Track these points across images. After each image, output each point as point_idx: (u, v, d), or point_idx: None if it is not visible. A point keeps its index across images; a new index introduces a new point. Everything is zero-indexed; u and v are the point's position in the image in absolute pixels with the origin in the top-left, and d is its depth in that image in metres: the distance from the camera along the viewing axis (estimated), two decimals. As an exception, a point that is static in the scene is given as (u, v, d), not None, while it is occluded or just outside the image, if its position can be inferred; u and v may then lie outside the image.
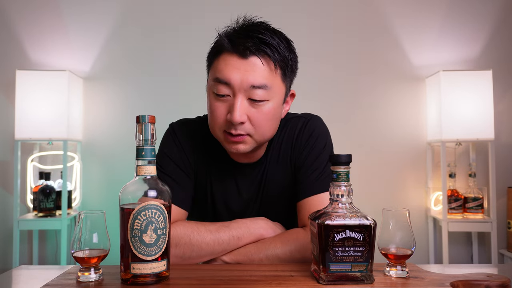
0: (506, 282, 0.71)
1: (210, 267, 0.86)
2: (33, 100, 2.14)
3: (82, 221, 0.74)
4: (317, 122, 1.06)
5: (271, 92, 0.90)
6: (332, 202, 0.74)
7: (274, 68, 0.90)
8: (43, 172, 2.23)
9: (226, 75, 0.89)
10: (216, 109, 0.92)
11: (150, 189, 0.72)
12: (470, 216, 2.23)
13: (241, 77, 0.88)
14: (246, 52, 0.88)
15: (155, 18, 2.43)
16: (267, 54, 0.89)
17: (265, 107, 0.91)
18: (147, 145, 0.73)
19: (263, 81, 0.89)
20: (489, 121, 2.16)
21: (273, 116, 0.93)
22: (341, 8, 2.41)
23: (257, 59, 0.89)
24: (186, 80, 2.40)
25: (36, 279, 0.82)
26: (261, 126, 0.92)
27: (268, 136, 0.96)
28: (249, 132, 0.92)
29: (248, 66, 0.88)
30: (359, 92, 2.41)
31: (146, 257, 0.70)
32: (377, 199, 2.35)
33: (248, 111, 0.90)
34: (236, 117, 0.88)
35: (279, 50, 0.90)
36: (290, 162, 1.03)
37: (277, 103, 0.93)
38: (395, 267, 0.76)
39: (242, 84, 0.88)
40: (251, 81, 0.88)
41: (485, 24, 2.42)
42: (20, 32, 2.40)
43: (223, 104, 0.91)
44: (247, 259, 0.90)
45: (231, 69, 0.89)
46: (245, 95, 0.89)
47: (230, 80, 0.89)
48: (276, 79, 0.91)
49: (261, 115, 0.91)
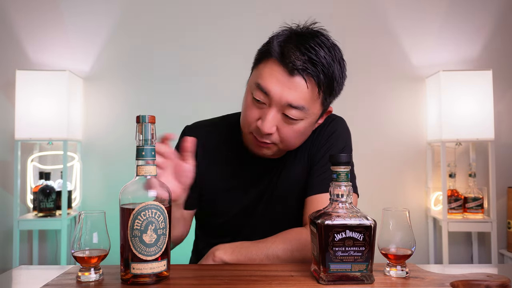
0: (506, 282, 0.71)
1: (210, 267, 0.86)
2: (33, 100, 2.14)
3: (82, 221, 0.74)
4: (340, 123, 1.07)
5: (306, 114, 0.90)
6: (332, 202, 0.74)
7: (316, 92, 0.89)
8: (43, 172, 2.23)
9: (267, 85, 0.88)
10: (250, 111, 0.93)
11: (149, 190, 0.72)
12: (470, 216, 2.23)
13: (281, 92, 0.87)
14: (293, 70, 0.86)
15: (155, 18, 2.43)
16: (313, 77, 0.87)
17: (297, 125, 0.91)
18: (147, 145, 0.72)
19: (301, 103, 0.88)
20: (489, 121, 2.16)
21: (302, 133, 0.94)
22: (341, 8, 2.41)
23: (301, 80, 0.87)
24: (186, 80, 2.40)
25: (36, 279, 0.82)
26: (288, 140, 0.93)
27: (293, 147, 0.97)
28: (275, 142, 0.93)
29: (292, 84, 0.87)
30: (359, 92, 2.41)
31: (146, 257, 0.70)
32: (377, 199, 2.35)
33: (279, 124, 0.91)
34: (265, 128, 0.89)
35: (326, 72, 0.88)
36: (308, 158, 1.04)
37: (309, 123, 0.94)
38: (395, 267, 0.76)
39: (280, 99, 0.88)
40: (290, 99, 0.87)
41: (485, 24, 2.42)
42: (20, 32, 2.40)
43: (257, 110, 0.92)
44: (247, 259, 0.89)
45: (274, 81, 0.88)
46: (280, 109, 0.89)
47: (270, 91, 0.88)
48: (316, 103, 0.91)
49: (291, 131, 0.91)
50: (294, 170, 1.04)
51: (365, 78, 2.42)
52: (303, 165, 1.04)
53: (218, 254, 0.90)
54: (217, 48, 2.42)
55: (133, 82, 2.42)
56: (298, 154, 1.04)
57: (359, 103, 2.41)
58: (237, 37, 2.40)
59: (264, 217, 1.06)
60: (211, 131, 1.08)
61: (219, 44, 2.42)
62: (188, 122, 1.14)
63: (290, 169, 1.04)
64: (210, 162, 1.05)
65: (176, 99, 2.40)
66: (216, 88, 2.41)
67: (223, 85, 2.40)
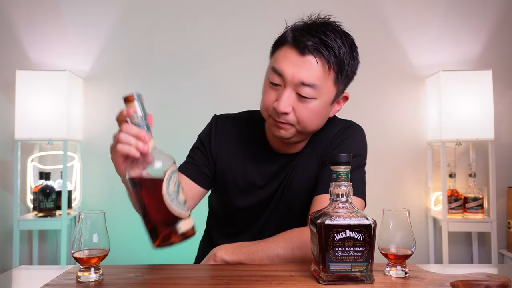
0: (506, 282, 0.71)
1: (210, 267, 0.86)
2: (33, 100, 2.14)
3: (82, 221, 0.74)
4: (358, 130, 1.10)
5: (319, 92, 0.95)
6: (332, 202, 0.74)
7: (327, 70, 0.94)
8: (43, 172, 2.23)
9: (281, 67, 0.94)
10: (267, 95, 0.99)
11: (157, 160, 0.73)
12: (470, 216, 2.23)
13: (294, 72, 0.93)
14: (304, 50, 0.93)
15: (155, 18, 2.43)
16: (324, 55, 0.93)
17: (311, 104, 0.95)
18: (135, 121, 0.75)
19: (313, 80, 0.93)
20: (489, 121, 2.15)
21: (317, 114, 0.97)
22: (341, 8, 2.41)
23: (312, 58, 0.93)
24: (187, 80, 2.40)
25: (36, 279, 0.82)
26: (304, 120, 0.97)
27: (310, 130, 1.00)
28: (292, 122, 0.97)
29: (303, 63, 0.93)
30: (359, 92, 2.41)
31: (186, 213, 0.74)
32: (377, 199, 2.34)
33: (294, 104, 0.95)
34: (281, 107, 0.94)
35: (337, 53, 0.94)
36: (319, 158, 1.07)
37: (324, 102, 0.97)
38: (395, 267, 0.76)
39: (293, 79, 0.93)
40: (302, 78, 0.93)
41: (485, 24, 2.42)
42: (20, 32, 2.40)
43: (274, 92, 0.97)
44: (248, 258, 0.90)
45: (287, 62, 0.94)
46: (294, 89, 0.94)
47: (283, 72, 0.94)
48: (328, 80, 0.95)
49: (306, 110, 0.95)
50: (307, 169, 1.07)
51: (365, 78, 2.41)
52: (315, 164, 1.07)
53: (219, 254, 0.90)
54: (217, 48, 2.42)
55: (133, 82, 2.42)
56: (311, 153, 1.08)
57: (359, 103, 2.41)
58: (238, 37, 2.40)
59: (278, 212, 1.09)
60: (236, 124, 1.13)
61: (220, 43, 2.41)
62: (188, 122, 1.15)
63: (304, 167, 1.07)
64: (232, 153, 1.10)
65: (176, 99, 2.39)
66: (216, 88, 2.41)
67: (224, 85, 2.40)
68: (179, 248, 1.09)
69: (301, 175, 1.07)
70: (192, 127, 1.35)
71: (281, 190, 1.08)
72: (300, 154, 1.08)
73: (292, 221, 1.05)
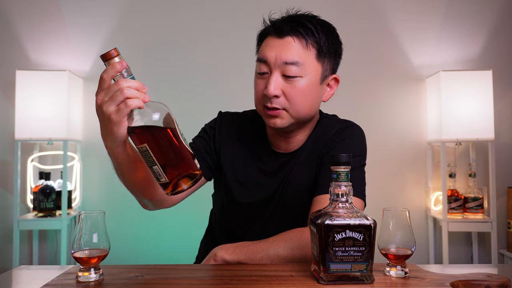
0: (506, 282, 0.71)
1: (210, 267, 0.86)
2: (33, 100, 2.14)
3: (82, 221, 0.74)
4: (357, 130, 1.10)
5: (303, 69, 0.98)
6: (332, 202, 0.74)
7: (306, 47, 0.98)
8: (43, 172, 2.23)
9: (264, 54, 1.00)
10: (257, 86, 1.02)
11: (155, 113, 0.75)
12: (470, 216, 2.23)
13: (276, 54, 0.98)
14: (282, 32, 0.98)
15: (155, 18, 2.43)
16: (301, 34, 0.98)
17: (299, 83, 0.98)
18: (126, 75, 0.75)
19: (295, 58, 0.97)
20: (489, 121, 2.15)
21: (307, 93, 0.99)
22: (341, 8, 2.41)
23: (290, 38, 0.98)
24: (187, 80, 2.40)
25: (36, 279, 0.82)
26: (295, 101, 0.99)
27: (303, 112, 1.01)
28: (284, 106, 0.99)
29: (283, 44, 0.98)
30: (359, 92, 2.41)
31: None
32: (377, 199, 2.35)
33: (283, 86, 0.98)
34: (270, 89, 0.96)
35: (314, 32, 0.99)
36: (318, 158, 1.07)
37: (311, 80, 0.99)
38: (395, 267, 0.76)
39: (276, 61, 0.97)
40: (284, 57, 0.97)
41: (485, 24, 2.42)
42: (20, 32, 2.40)
43: (263, 81, 1.01)
44: (249, 258, 0.90)
45: (269, 48, 0.99)
46: (280, 71, 0.98)
47: (266, 57, 0.99)
48: (309, 57, 0.99)
49: (295, 90, 0.98)
50: (305, 169, 1.07)
51: (365, 78, 2.42)
52: (313, 164, 1.07)
53: (219, 254, 0.91)
54: (218, 48, 2.42)
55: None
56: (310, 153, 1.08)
57: (359, 103, 2.41)
58: (238, 36, 2.39)
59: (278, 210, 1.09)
60: (240, 122, 1.15)
61: (220, 43, 2.42)
62: (189, 122, 1.15)
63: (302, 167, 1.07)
64: (234, 150, 1.11)
65: (176, 99, 2.39)
66: (216, 88, 2.41)
67: (224, 84, 2.40)
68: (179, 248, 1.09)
69: (300, 174, 1.07)
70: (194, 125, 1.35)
71: (281, 189, 1.08)
72: (299, 153, 1.09)
73: (292, 220, 1.05)
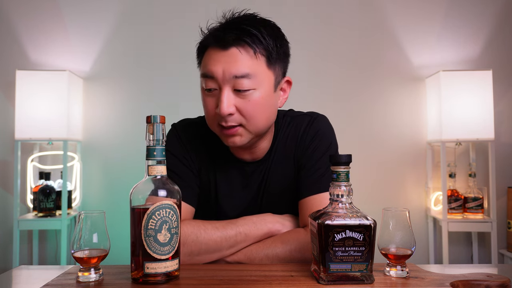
0: (506, 282, 0.71)
1: (210, 267, 0.86)
2: (33, 100, 2.14)
3: (82, 221, 0.74)
4: (323, 121, 1.06)
5: (255, 81, 0.90)
6: (332, 202, 0.74)
7: (254, 55, 0.90)
8: (43, 172, 2.23)
9: (210, 69, 0.90)
10: (207, 104, 0.93)
11: (161, 189, 0.73)
12: (470, 216, 2.23)
13: (223, 69, 0.89)
14: (226, 44, 0.89)
15: (155, 18, 2.43)
16: (247, 43, 0.89)
17: (253, 96, 0.90)
18: (159, 145, 0.73)
19: (245, 70, 0.89)
20: (489, 121, 2.15)
21: (263, 105, 0.92)
22: (341, 8, 2.41)
23: (236, 50, 0.89)
24: (186, 79, 2.40)
25: (36, 279, 0.82)
26: (252, 116, 0.91)
27: (262, 126, 0.94)
28: (241, 122, 0.91)
29: (229, 57, 0.89)
30: (359, 92, 2.41)
31: (160, 256, 0.70)
32: (377, 199, 2.35)
33: (236, 102, 0.90)
34: (223, 109, 0.88)
35: (260, 38, 0.90)
36: (294, 161, 1.03)
37: (265, 91, 0.92)
38: (395, 267, 0.76)
39: (225, 76, 0.89)
40: (233, 71, 0.88)
41: (485, 24, 2.42)
42: (20, 32, 2.40)
43: (212, 99, 0.92)
44: (247, 258, 0.90)
45: (214, 62, 0.90)
46: (230, 86, 0.89)
47: (213, 73, 0.90)
48: (260, 66, 0.91)
49: (249, 105, 0.90)
50: (282, 173, 1.04)
51: (365, 78, 2.42)
52: (290, 166, 1.04)
53: (219, 254, 0.90)
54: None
55: (133, 82, 2.42)
56: (283, 156, 1.04)
57: (359, 103, 2.41)
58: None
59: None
60: (197, 131, 1.06)
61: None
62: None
63: (277, 171, 1.04)
64: (201, 163, 1.04)
65: (176, 98, 2.39)
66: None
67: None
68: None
69: (277, 181, 1.03)
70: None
71: (260, 199, 1.04)
72: (269, 161, 1.04)
73: None
